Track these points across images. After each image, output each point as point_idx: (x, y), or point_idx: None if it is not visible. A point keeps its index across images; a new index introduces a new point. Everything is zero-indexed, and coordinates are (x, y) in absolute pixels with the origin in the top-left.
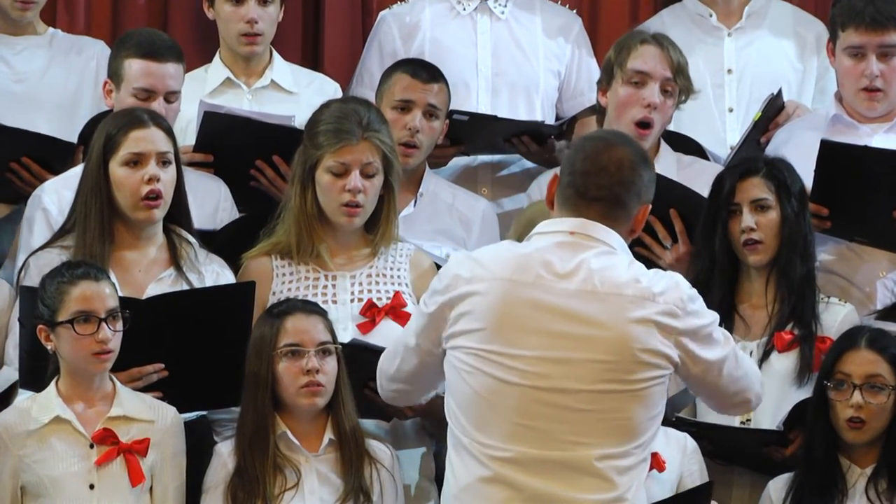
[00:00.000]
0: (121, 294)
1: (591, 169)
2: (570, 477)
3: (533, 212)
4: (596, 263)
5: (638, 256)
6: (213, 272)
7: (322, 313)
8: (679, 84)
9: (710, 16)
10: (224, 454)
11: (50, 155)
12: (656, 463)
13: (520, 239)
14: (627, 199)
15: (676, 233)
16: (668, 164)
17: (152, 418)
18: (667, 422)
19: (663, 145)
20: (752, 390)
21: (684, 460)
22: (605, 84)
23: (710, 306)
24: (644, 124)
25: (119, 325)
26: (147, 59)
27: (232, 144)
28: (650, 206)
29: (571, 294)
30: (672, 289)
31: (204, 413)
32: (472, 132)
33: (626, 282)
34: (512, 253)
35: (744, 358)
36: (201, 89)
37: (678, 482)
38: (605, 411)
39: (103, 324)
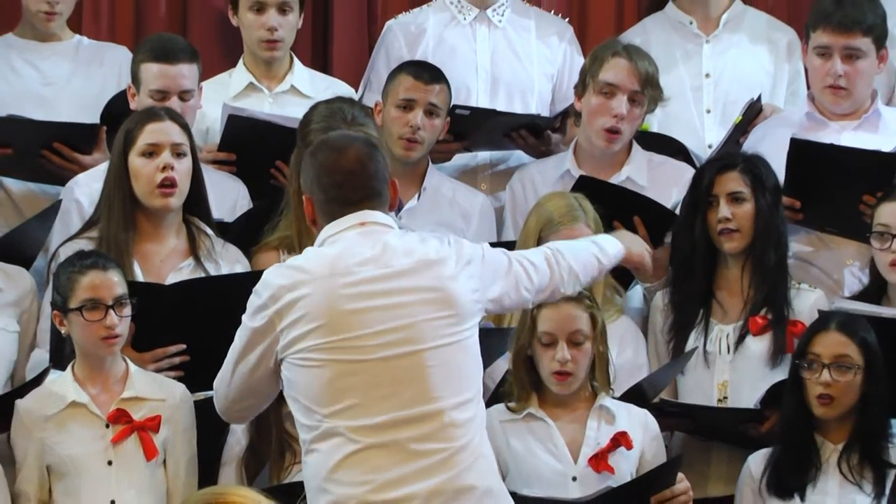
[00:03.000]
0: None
1: (340, 179)
2: (432, 428)
3: (554, 206)
4: (394, 241)
5: None
6: (230, 261)
7: None
8: (647, 95)
9: (690, 23)
10: (238, 432)
11: (76, 138)
12: (625, 441)
13: (538, 232)
14: (382, 187)
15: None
16: (640, 163)
17: (163, 397)
18: (647, 402)
19: (635, 146)
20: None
21: (645, 437)
22: (580, 91)
23: (690, 292)
24: (612, 132)
25: (126, 312)
26: (159, 61)
27: (254, 145)
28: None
29: (389, 273)
30: (451, 245)
31: None
32: (473, 126)
33: (426, 249)
34: (324, 254)
35: (522, 283)
36: (225, 93)
37: (640, 457)
38: (445, 364)
39: (110, 310)
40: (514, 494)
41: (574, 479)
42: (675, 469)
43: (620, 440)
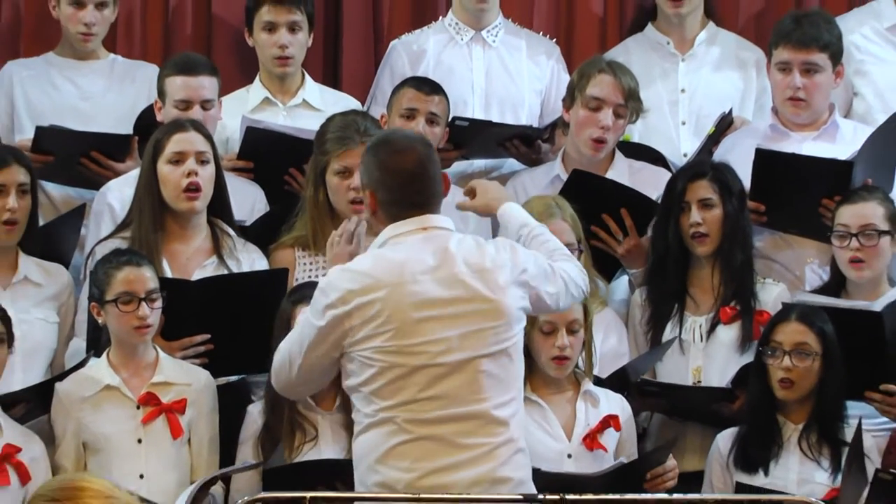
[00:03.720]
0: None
1: (403, 181)
2: (477, 425)
3: (534, 205)
4: (454, 247)
5: (594, 248)
6: (250, 259)
7: None
8: (629, 107)
9: (668, 43)
10: (254, 413)
11: (111, 148)
12: (614, 423)
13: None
14: (440, 188)
15: (627, 227)
16: (622, 168)
17: (189, 381)
18: (631, 384)
19: (617, 153)
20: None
21: (623, 418)
22: (568, 103)
23: (664, 290)
24: (599, 141)
25: (157, 304)
26: (183, 74)
27: (269, 154)
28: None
29: (448, 280)
30: (507, 252)
31: (244, 376)
32: (470, 136)
33: (482, 256)
34: (391, 260)
35: (569, 285)
36: (243, 107)
37: (619, 436)
38: (496, 368)
39: (143, 303)
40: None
41: (569, 456)
42: (670, 449)
43: (610, 422)
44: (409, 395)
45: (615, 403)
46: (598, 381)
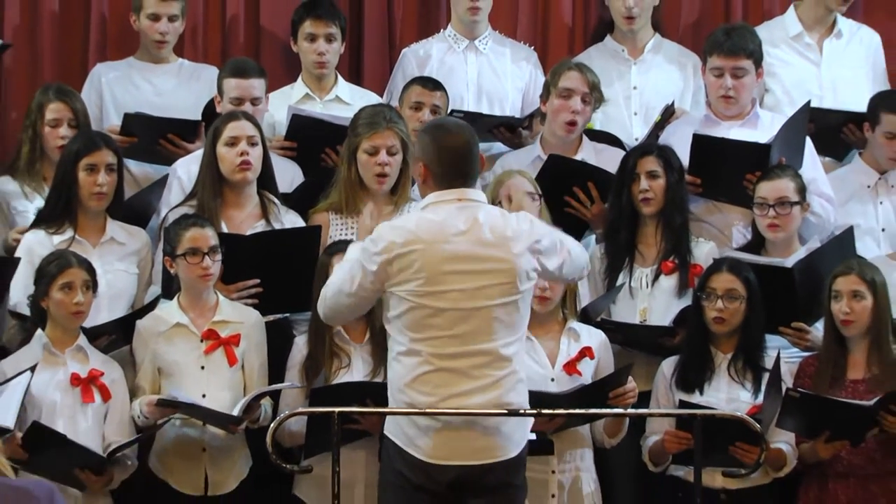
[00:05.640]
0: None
1: (453, 158)
2: (487, 360)
3: (501, 176)
4: (483, 218)
5: (567, 214)
6: (291, 222)
7: None
8: (594, 97)
9: (623, 51)
10: (300, 344)
11: (183, 131)
12: (589, 353)
13: (493, 193)
14: (478, 166)
15: (593, 197)
16: (589, 150)
17: (242, 320)
18: (591, 321)
19: (584, 138)
20: (578, 275)
21: (601, 349)
22: (544, 96)
23: (619, 244)
24: (571, 123)
25: (217, 257)
26: (236, 77)
27: (309, 136)
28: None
29: (474, 243)
30: (527, 224)
31: (287, 315)
32: None
33: (505, 226)
34: (431, 221)
35: (573, 259)
36: (287, 100)
37: (597, 363)
38: (504, 315)
39: (206, 256)
40: None
41: (552, 380)
42: (627, 373)
43: (586, 352)
44: (434, 333)
45: (595, 337)
46: None
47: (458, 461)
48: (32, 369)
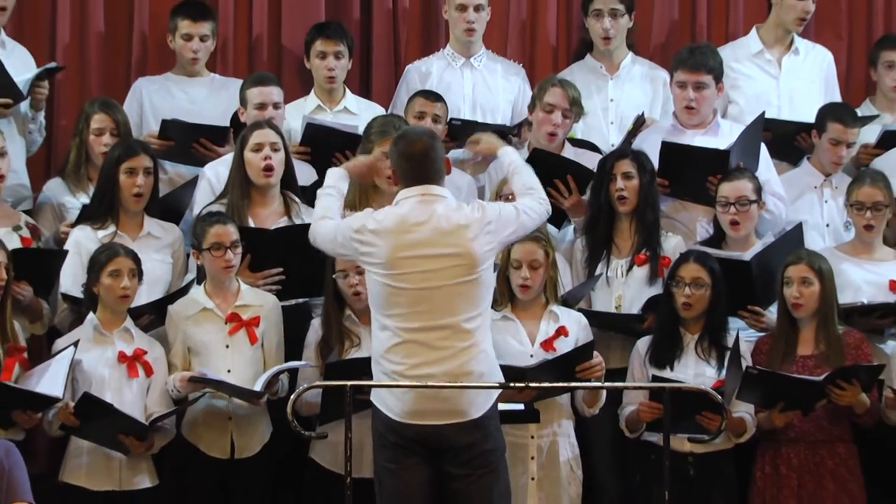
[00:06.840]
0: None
1: (412, 161)
2: (449, 333)
3: (501, 181)
4: (441, 210)
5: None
6: (309, 218)
7: None
8: (574, 111)
9: (601, 68)
10: (316, 325)
11: (215, 136)
12: (563, 331)
13: (497, 191)
14: (440, 165)
15: (571, 189)
16: (570, 155)
17: (261, 303)
18: (571, 307)
19: (566, 144)
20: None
21: (579, 329)
22: (531, 109)
23: (597, 237)
24: (552, 135)
25: (238, 251)
26: (258, 85)
27: (321, 142)
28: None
29: (432, 231)
30: (478, 212)
31: (307, 299)
32: (463, 132)
33: (459, 215)
34: (396, 214)
35: (524, 222)
36: (301, 111)
37: (575, 342)
38: (464, 293)
39: (228, 250)
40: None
41: (531, 356)
42: (591, 349)
43: (561, 331)
44: (401, 310)
45: (574, 318)
46: None
47: (419, 420)
48: (75, 344)
